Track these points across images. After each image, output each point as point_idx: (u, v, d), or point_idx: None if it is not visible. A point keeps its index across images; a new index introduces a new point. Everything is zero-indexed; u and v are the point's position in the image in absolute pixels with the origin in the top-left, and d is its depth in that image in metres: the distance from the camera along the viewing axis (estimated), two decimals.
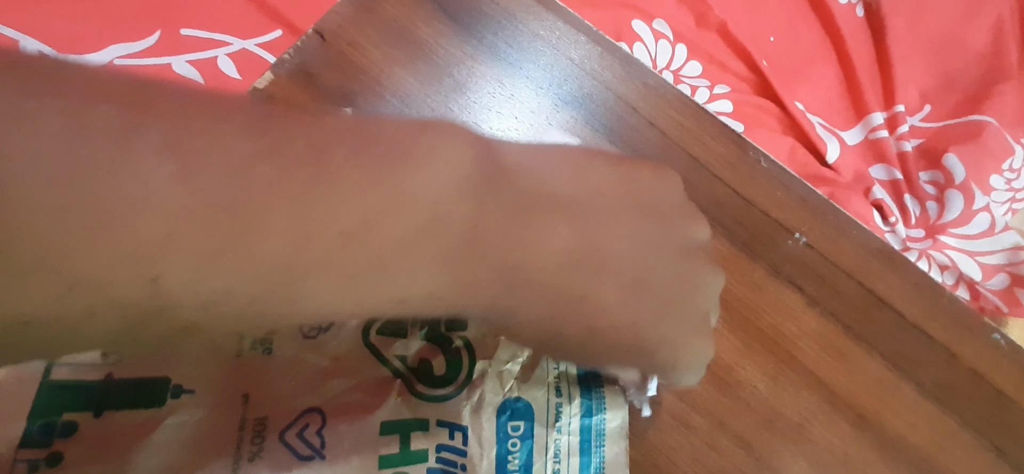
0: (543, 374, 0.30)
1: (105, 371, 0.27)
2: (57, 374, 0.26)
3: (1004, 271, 0.59)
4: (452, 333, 0.30)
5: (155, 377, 0.27)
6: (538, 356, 0.31)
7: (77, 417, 0.26)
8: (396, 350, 0.29)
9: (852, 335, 0.36)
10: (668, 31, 0.64)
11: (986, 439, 0.35)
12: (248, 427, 0.27)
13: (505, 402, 0.30)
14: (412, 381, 0.29)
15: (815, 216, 0.37)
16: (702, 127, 0.38)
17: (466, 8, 0.38)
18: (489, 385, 0.30)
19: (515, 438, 0.30)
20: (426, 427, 0.29)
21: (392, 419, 0.29)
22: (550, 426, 0.31)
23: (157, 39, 0.66)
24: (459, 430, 0.29)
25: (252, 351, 0.28)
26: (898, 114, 0.62)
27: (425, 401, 0.29)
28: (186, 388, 0.27)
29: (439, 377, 0.29)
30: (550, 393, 0.30)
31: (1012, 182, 0.60)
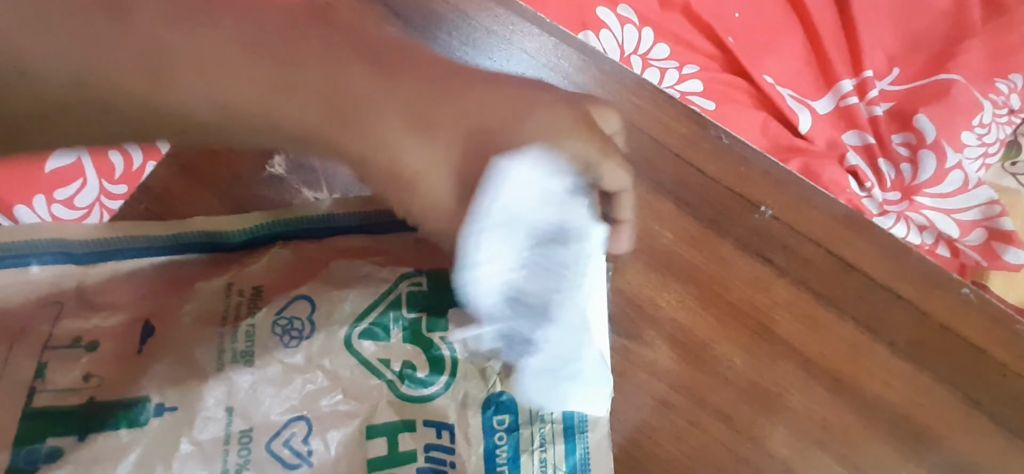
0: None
1: (87, 395, 0.27)
2: (39, 401, 0.27)
3: (981, 226, 0.59)
4: (433, 334, 0.30)
5: (136, 397, 0.27)
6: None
7: (61, 442, 0.26)
8: (379, 354, 0.30)
9: (823, 302, 0.36)
10: (633, 15, 0.64)
11: (961, 392, 0.36)
12: (233, 440, 0.27)
13: (489, 397, 0.30)
14: (397, 383, 0.29)
15: (779, 188, 0.37)
16: (661, 109, 0.38)
17: (417, 9, 0.38)
18: (472, 382, 0.30)
19: (501, 432, 0.30)
20: (413, 428, 0.30)
21: (378, 423, 0.29)
22: (534, 417, 0.31)
23: None
24: (446, 429, 0.30)
25: (234, 363, 0.28)
26: (867, 80, 0.62)
27: (410, 402, 0.30)
28: (168, 406, 0.27)
29: (423, 378, 0.30)
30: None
31: (983, 137, 0.61)
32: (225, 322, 0.29)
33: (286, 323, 0.29)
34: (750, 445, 0.35)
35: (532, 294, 0.23)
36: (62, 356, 0.28)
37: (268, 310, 0.29)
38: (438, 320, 0.30)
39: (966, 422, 0.35)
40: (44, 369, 0.27)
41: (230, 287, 0.31)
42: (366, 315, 0.30)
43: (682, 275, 0.36)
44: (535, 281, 0.23)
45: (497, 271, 0.22)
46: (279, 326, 0.29)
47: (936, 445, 0.35)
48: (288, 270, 0.32)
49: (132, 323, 0.29)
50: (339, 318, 0.29)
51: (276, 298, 0.30)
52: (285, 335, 0.29)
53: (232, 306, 0.30)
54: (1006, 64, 0.65)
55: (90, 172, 0.39)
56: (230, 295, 0.30)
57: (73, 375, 0.28)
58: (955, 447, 0.35)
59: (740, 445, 0.35)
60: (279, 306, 0.29)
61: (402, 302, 0.31)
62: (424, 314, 0.30)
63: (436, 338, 0.30)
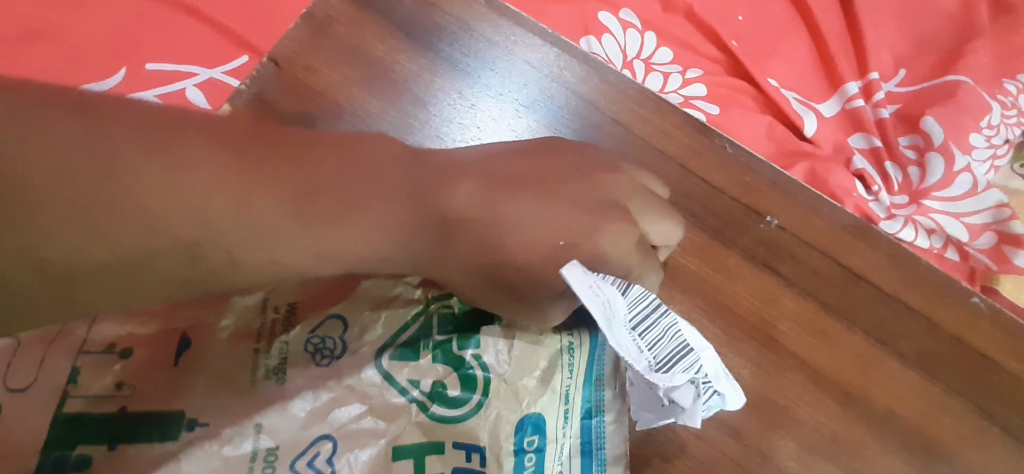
0: (556, 384, 0.30)
1: (119, 404, 0.27)
2: (71, 407, 0.26)
3: (990, 229, 0.59)
4: (464, 352, 0.29)
5: (170, 411, 0.27)
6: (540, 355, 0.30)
7: (91, 451, 0.26)
8: (409, 374, 0.29)
9: (832, 313, 0.36)
10: (635, 20, 0.64)
11: (972, 403, 0.35)
12: (259, 458, 0.27)
13: (523, 419, 0.29)
14: (426, 404, 0.29)
15: (785, 197, 0.37)
16: (665, 119, 0.37)
17: (419, 21, 0.38)
18: (506, 401, 0.29)
19: (531, 453, 0.30)
20: (441, 450, 0.29)
21: (405, 444, 0.29)
22: (559, 433, 0.31)
23: (123, 77, 0.66)
24: (476, 451, 0.29)
25: (266, 380, 0.28)
26: (872, 82, 0.61)
27: (440, 423, 0.29)
28: (201, 422, 0.27)
29: (454, 398, 0.29)
30: (560, 402, 0.30)
31: (992, 139, 0.60)
32: (260, 338, 0.29)
33: (319, 342, 0.29)
34: (759, 459, 0.34)
35: (667, 353, 0.25)
36: (96, 362, 0.28)
37: (302, 328, 0.29)
38: (469, 338, 0.30)
39: (978, 434, 0.35)
40: (77, 374, 0.27)
41: (266, 303, 0.30)
42: (397, 336, 0.30)
43: (688, 287, 0.36)
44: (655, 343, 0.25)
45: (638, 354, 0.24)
46: (312, 344, 0.29)
47: (948, 458, 0.34)
48: (322, 288, 0.31)
49: (168, 333, 0.29)
50: (370, 338, 0.29)
51: (310, 316, 0.30)
52: (317, 354, 0.29)
53: (267, 322, 0.30)
54: (1014, 64, 0.64)
55: None
56: (265, 311, 0.30)
57: (106, 382, 0.27)
58: (967, 460, 0.34)
59: (749, 460, 0.34)
60: (313, 324, 0.29)
61: (433, 324, 0.30)
62: (454, 335, 0.30)
63: (468, 356, 0.29)
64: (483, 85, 0.38)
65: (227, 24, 0.68)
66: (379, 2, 0.39)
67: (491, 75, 0.38)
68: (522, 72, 0.38)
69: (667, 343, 0.25)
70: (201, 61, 0.68)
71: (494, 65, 0.38)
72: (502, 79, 0.38)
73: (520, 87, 0.38)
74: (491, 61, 0.38)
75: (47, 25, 0.68)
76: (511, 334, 0.29)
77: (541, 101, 0.38)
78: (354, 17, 0.38)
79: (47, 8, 0.70)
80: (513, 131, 0.38)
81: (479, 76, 0.38)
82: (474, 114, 0.38)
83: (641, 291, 0.25)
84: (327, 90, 0.38)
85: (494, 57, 0.38)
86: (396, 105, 0.38)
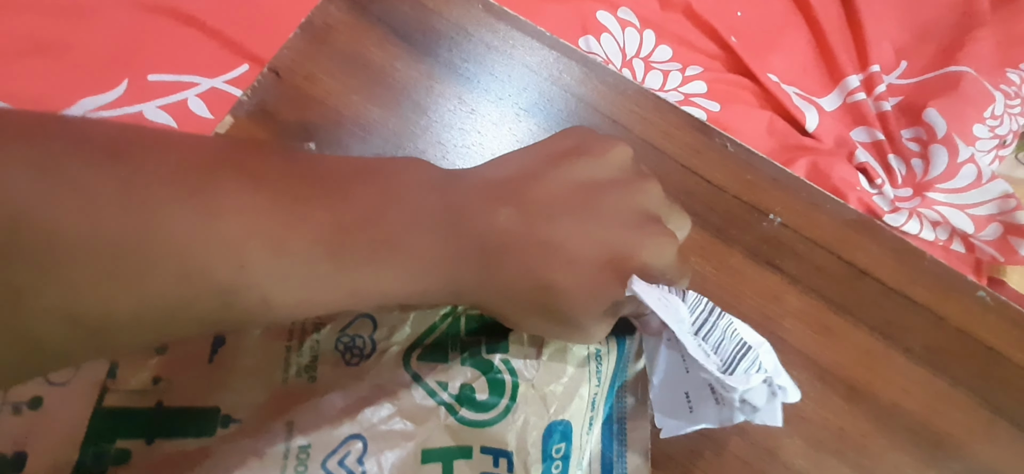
0: (584, 391, 0.30)
1: (155, 398, 0.27)
2: (110, 401, 0.27)
3: (996, 220, 0.58)
4: (493, 356, 0.29)
5: (205, 406, 0.27)
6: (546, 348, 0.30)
7: (130, 445, 0.26)
8: (437, 376, 0.29)
9: (836, 309, 0.36)
10: (634, 18, 0.64)
11: (980, 397, 0.35)
12: (292, 455, 0.27)
13: (551, 425, 0.29)
14: (455, 407, 0.29)
15: (787, 194, 0.37)
16: (665, 118, 0.37)
17: (417, 27, 0.38)
18: (534, 408, 0.29)
19: (558, 460, 0.30)
20: (469, 454, 0.29)
21: (434, 446, 0.29)
22: (583, 441, 0.31)
23: (125, 88, 0.67)
24: (504, 456, 0.29)
25: (297, 378, 0.28)
26: (874, 74, 0.61)
27: (468, 426, 0.29)
28: (235, 418, 0.27)
29: (482, 401, 0.29)
30: (587, 409, 0.30)
31: (996, 129, 0.59)
32: (291, 337, 0.30)
33: (349, 341, 0.30)
34: (767, 457, 0.34)
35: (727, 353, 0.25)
36: (133, 357, 0.28)
37: (332, 327, 0.30)
38: (499, 343, 0.30)
39: (986, 428, 0.34)
40: (115, 369, 0.28)
41: None
42: (426, 336, 0.30)
43: (691, 286, 0.36)
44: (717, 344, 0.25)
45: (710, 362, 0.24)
46: (342, 343, 0.29)
47: (956, 452, 0.34)
48: None
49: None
50: (399, 338, 0.30)
51: (341, 317, 0.30)
52: (347, 352, 0.29)
53: (298, 322, 0.30)
54: (1017, 53, 0.64)
55: None
56: None
57: (143, 376, 0.28)
58: (975, 453, 0.34)
59: (757, 458, 0.34)
60: (343, 323, 0.30)
61: (461, 325, 0.31)
62: (483, 337, 0.30)
63: (496, 360, 0.29)
64: (482, 90, 0.38)
65: (227, 33, 0.68)
66: (377, 10, 0.39)
67: (490, 79, 0.38)
68: (521, 76, 0.38)
69: (728, 343, 0.25)
70: (202, 71, 0.69)
71: (493, 69, 0.38)
72: (501, 83, 0.39)
73: (519, 91, 0.39)
74: (490, 65, 0.38)
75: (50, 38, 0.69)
76: (539, 340, 0.29)
77: (540, 104, 0.38)
78: (353, 25, 0.39)
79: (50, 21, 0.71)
80: (514, 135, 0.38)
81: (478, 81, 0.38)
82: (474, 119, 0.38)
83: (696, 296, 0.25)
84: (327, 98, 0.38)
85: (493, 61, 0.38)
86: (396, 112, 0.38)
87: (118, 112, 0.69)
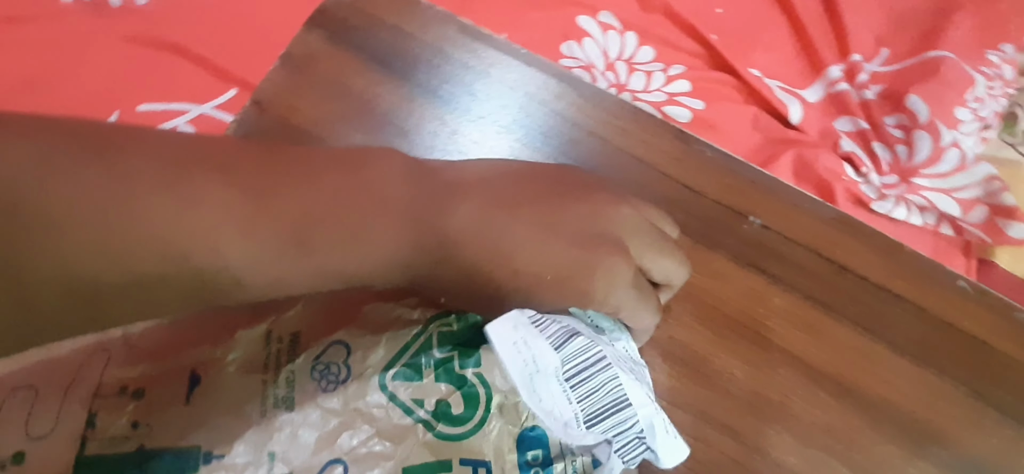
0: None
1: (136, 443, 0.28)
2: (91, 450, 0.27)
3: (982, 203, 0.59)
4: (465, 370, 0.30)
5: (187, 446, 0.27)
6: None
7: None
8: (413, 394, 0.30)
9: (820, 306, 0.36)
10: (615, 21, 0.64)
11: (966, 386, 0.35)
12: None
13: (523, 433, 0.30)
14: (432, 423, 0.29)
15: (767, 196, 0.37)
16: (643, 127, 0.38)
17: (395, 53, 0.39)
18: (507, 416, 0.30)
19: (536, 467, 0.30)
20: (449, 467, 0.30)
21: (414, 464, 0.29)
22: (565, 450, 0.31)
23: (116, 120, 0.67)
24: (483, 465, 0.29)
25: (275, 409, 0.29)
26: (855, 64, 0.61)
27: (446, 441, 0.29)
28: (216, 454, 0.28)
29: (458, 415, 0.29)
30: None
31: (978, 111, 0.60)
32: (267, 369, 0.30)
33: (324, 368, 0.30)
34: (758, 457, 0.35)
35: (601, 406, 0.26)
36: (111, 405, 0.29)
37: (306, 356, 0.30)
38: (470, 356, 0.30)
39: (973, 416, 0.35)
40: (94, 418, 0.28)
41: (269, 334, 0.31)
42: (399, 357, 0.30)
43: (676, 293, 0.36)
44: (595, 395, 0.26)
45: (564, 410, 0.25)
46: (317, 371, 0.30)
47: (945, 442, 0.35)
48: (324, 315, 0.32)
49: (178, 371, 0.30)
50: (374, 361, 0.30)
51: (313, 343, 0.30)
52: (323, 379, 0.30)
53: (273, 353, 0.31)
54: (996, 34, 0.64)
55: None
56: (270, 342, 0.31)
57: (122, 423, 0.28)
58: (964, 442, 0.35)
59: (748, 458, 0.35)
60: (317, 351, 0.30)
61: (433, 342, 0.31)
62: (455, 352, 0.30)
63: (469, 374, 0.30)
64: (462, 110, 0.39)
65: (214, 60, 0.69)
66: (356, 38, 0.40)
67: (470, 100, 0.39)
68: (500, 94, 0.39)
69: (603, 397, 0.26)
70: (191, 98, 0.69)
71: (472, 89, 0.39)
72: (481, 103, 0.39)
73: (499, 109, 0.39)
74: (469, 86, 0.39)
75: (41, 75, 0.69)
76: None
77: (520, 121, 0.39)
78: (332, 54, 0.39)
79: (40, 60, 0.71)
80: (495, 154, 0.38)
81: (458, 102, 0.39)
82: (456, 140, 0.38)
83: (585, 344, 0.26)
84: (312, 128, 0.38)
85: (471, 81, 0.39)
86: (379, 138, 0.38)
87: None
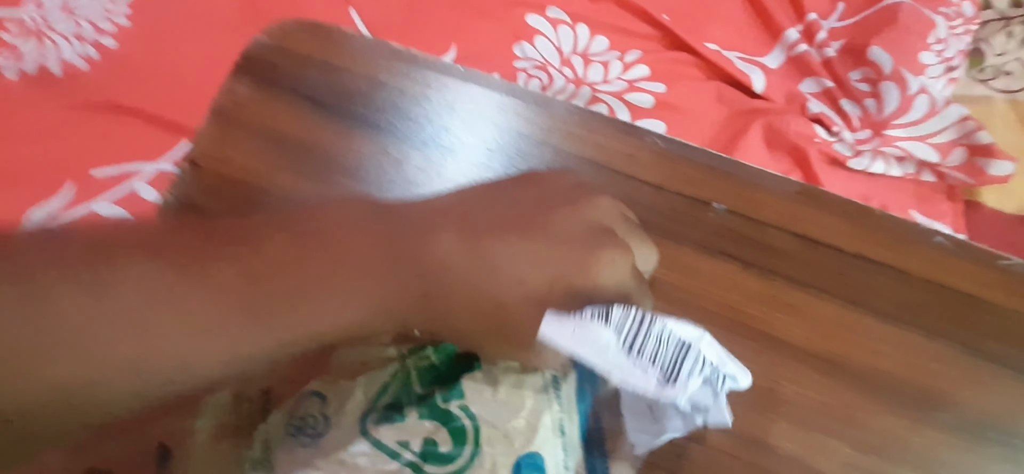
0: (547, 420, 0.29)
1: None
2: None
3: (959, 145, 0.58)
4: (449, 404, 0.29)
5: None
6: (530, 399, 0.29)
7: None
8: (397, 436, 0.28)
9: (797, 285, 0.35)
10: (564, 16, 0.63)
11: (957, 342, 0.34)
12: None
13: (519, 461, 0.29)
14: (419, 465, 0.28)
15: (727, 180, 0.36)
16: (593, 130, 0.37)
17: (328, 90, 0.37)
18: (499, 448, 0.29)
19: None
20: None
21: None
22: (561, 468, 0.30)
23: (73, 191, 0.66)
24: None
25: (253, 472, 0.28)
26: (812, 23, 0.60)
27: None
28: None
29: (446, 454, 0.28)
30: (555, 436, 0.29)
31: (943, 53, 0.59)
32: (239, 433, 0.29)
33: (299, 422, 0.29)
34: (755, 448, 0.33)
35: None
36: None
37: (280, 413, 0.29)
38: (452, 388, 0.29)
39: (968, 372, 0.34)
40: None
41: (239, 395, 0.30)
42: (379, 398, 0.29)
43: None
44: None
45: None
46: (293, 427, 0.29)
47: (945, 404, 0.33)
48: (293, 366, 0.31)
49: (146, 447, 0.29)
50: (352, 407, 0.29)
51: (285, 398, 0.29)
52: (300, 435, 0.28)
53: (243, 415, 0.29)
54: None
55: None
56: (240, 403, 0.30)
57: None
58: (965, 401, 0.33)
59: (745, 450, 0.33)
60: (290, 406, 0.29)
61: (413, 378, 0.30)
62: (436, 386, 0.29)
63: (454, 408, 0.29)
64: (404, 138, 0.37)
65: (160, 114, 0.68)
66: (285, 80, 0.38)
67: (411, 126, 0.38)
68: (441, 115, 0.38)
69: (666, 350, 0.24)
70: (144, 155, 0.68)
71: (411, 115, 0.38)
72: (422, 128, 0.38)
73: (441, 131, 0.38)
74: (407, 112, 0.38)
75: None
76: (494, 379, 0.29)
77: (464, 140, 0.38)
78: (262, 100, 0.38)
79: None
80: (443, 178, 0.37)
81: (398, 130, 0.38)
82: (402, 169, 0.37)
83: (622, 310, 0.24)
84: (252, 179, 0.37)
85: (409, 107, 0.38)
86: (324, 180, 0.37)
87: (71, 214, 0.68)
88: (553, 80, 0.62)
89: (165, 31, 0.68)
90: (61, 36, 0.66)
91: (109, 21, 0.67)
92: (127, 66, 0.67)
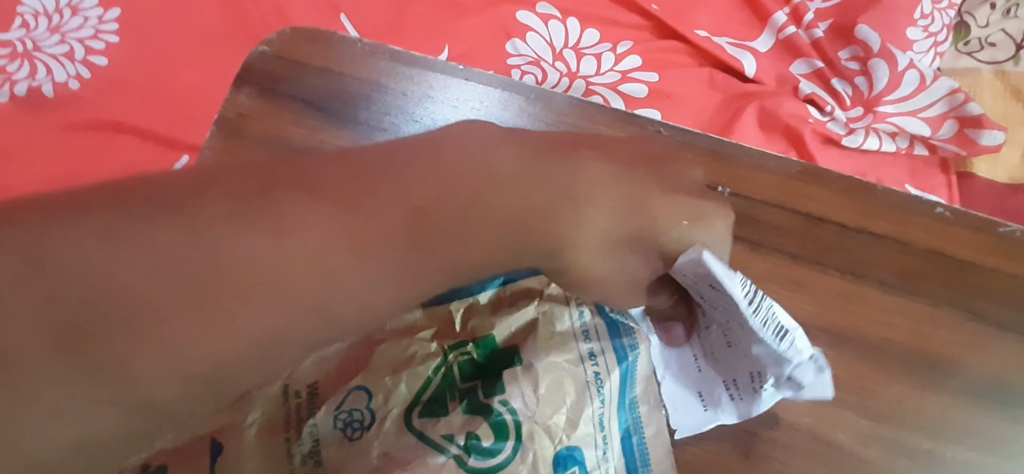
0: (588, 415, 0.30)
1: None
2: None
3: (950, 118, 0.58)
4: (491, 399, 0.29)
5: None
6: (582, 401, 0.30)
7: None
8: (441, 430, 0.29)
9: (802, 262, 0.35)
10: (554, 10, 0.63)
11: (962, 309, 0.35)
12: None
13: (558, 455, 0.29)
14: (463, 458, 0.29)
15: (729, 164, 0.36)
16: (591, 119, 0.37)
17: (330, 95, 0.37)
18: (540, 442, 0.29)
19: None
20: None
21: None
22: (600, 461, 0.30)
23: None
24: None
25: (303, 467, 0.28)
26: (799, 4, 0.61)
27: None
28: None
29: (489, 448, 0.29)
30: (595, 431, 0.30)
31: (929, 27, 0.59)
32: (288, 427, 0.29)
33: (347, 416, 0.29)
34: (770, 421, 0.34)
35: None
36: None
37: (327, 407, 0.29)
38: (494, 385, 0.30)
39: (974, 338, 0.34)
40: None
41: (286, 390, 0.30)
42: (422, 393, 0.30)
43: None
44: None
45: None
46: (340, 421, 0.29)
47: (953, 369, 0.34)
48: (338, 362, 0.31)
49: (198, 442, 0.29)
50: (396, 402, 0.29)
51: (331, 393, 0.30)
52: (347, 428, 0.29)
53: (292, 409, 0.30)
54: None
55: None
56: (288, 398, 0.30)
57: None
58: (972, 365, 0.34)
59: (760, 425, 0.34)
60: (337, 401, 0.29)
61: (455, 374, 0.30)
62: (479, 382, 0.30)
63: (495, 403, 0.29)
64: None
65: (157, 131, 0.67)
66: (287, 88, 0.38)
67: (415, 127, 0.38)
68: (444, 114, 0.38)
69: (771, 324, 0.25)
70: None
71: (415, 116, 0.38)
72: (426, 127, 0.38)
73: None
74: (411, 113, 0.38)
75: None
76: (534, 375, 0.29)
77: None
78: (266, 109, 0.38)
79: None
80: None
81: (402, 131, 0.38)
82: None
83: (743, 277, 0.25)
84: None
85: (412, 108, 0.38)
86: None
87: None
88: (547, 75, 0.62)
89: (156, 46, 0.68)
90: (51, 57, 0.65)
91: (99, 39, 0.66)
92: (119, 84, 0.66)
